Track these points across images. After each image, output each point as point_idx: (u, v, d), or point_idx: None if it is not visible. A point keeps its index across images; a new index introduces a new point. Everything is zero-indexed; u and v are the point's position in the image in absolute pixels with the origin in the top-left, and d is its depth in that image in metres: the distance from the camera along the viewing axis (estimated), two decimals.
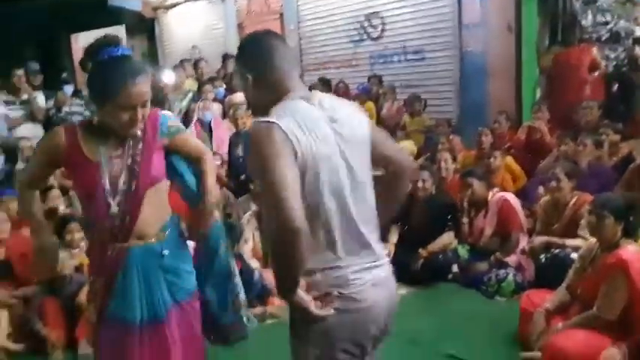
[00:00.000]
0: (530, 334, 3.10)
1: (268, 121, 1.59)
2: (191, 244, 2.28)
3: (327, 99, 1.73)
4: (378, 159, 1.79)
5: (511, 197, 4.44)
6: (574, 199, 4.00)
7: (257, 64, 1.73)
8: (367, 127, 1.75)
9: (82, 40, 11.08)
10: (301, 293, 1.60)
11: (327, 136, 1.64)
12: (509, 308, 3.64)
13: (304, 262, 1.56)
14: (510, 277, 4.04)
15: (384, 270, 1.72)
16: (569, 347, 2.74)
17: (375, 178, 1.78)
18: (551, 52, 6.04)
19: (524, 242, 4.22)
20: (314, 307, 1.60)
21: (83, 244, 4.28)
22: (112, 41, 1.96)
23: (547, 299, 3.20)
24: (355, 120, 1.73)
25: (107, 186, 1.95)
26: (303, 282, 1.61)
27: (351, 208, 1.66)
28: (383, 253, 1.74)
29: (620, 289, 2.78)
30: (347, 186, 1.66)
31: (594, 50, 5.86)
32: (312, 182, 1.60)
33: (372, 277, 1.67)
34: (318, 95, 1.72)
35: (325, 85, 7.48)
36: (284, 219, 1.49)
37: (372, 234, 1.71)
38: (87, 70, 1.99)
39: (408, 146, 5.69)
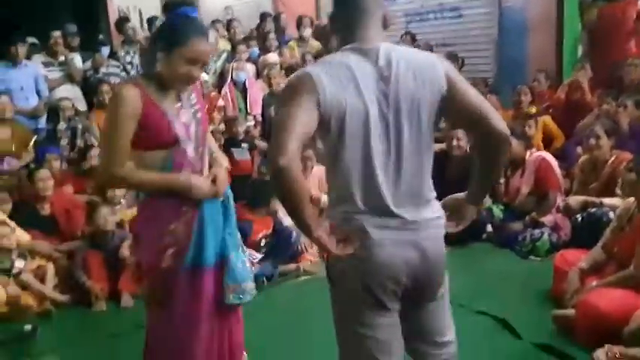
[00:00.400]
0: (564, 293, 3.10)
1: (304, 70, 1.64)
2: None
3: (393, 55, 1.65)
4: (460, 118, 1.77)
5: (549, 157, 4.37)
6: (613, 158, 3.93)
7: (333, 14, 1.76)
8: (434, 85, 1.65)
9: (116, 2, 11.17)
10: (321, 233, 1.62)
11: (364, 91, 1.62)
12: (543, 267, 3.63)
13: (297, 201, 1.57)
14: (545, 236, 4.01)
15: (416, 234, 1.68)
16: (602, 305, 2.73)
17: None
18: (596, 5, 5.76)
19: (560, 202, 4.17)
20: (332, 247, 1.63)
21: (124, 201, 4.42)
22: (189, 2, 2.08)
23: (582, 258, 3.19)
24: (417, 77, 1.64)
25: (183, 134, 2.07)
26: (326, 223, 1.68)
27: (379, 172, 1.65)
28: (419, 217, 1.69)
29: None
30: (380, 147, 1.64)
31: None
32: (335, 132, 1.62)
33: (393, 236, 1.66)
34: (383, 49, 1.65)
35: None
36: (272, 157, 1.54)
37: (409, 192, 1.67)
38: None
39: None
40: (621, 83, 5.13)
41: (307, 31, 6.80)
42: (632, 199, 3.08)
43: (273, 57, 6.47)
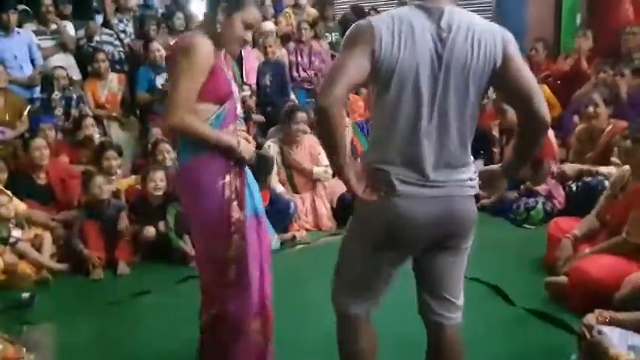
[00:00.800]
0: (557, 260, 3.13)
1: (368, 19, 1.73)
2: None
3: (455, 16, 1.69)
4: (507, 92, 1.81)
5: None
6: (610, 127, 3.92)
7: None
8: (489, 61, 1.69)
9: None
10: (351, 175, 1.75)
11: (419, 49, 1.66)
12: (537, 235, 3.66)
13: (334, 141, 1.70)
14: (539, 205, 4.04)
15: (437, 191, 1.74)
16: (594, 271, 2.77)
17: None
18: None
19: (555, 169, 4.18)
20: (359, 191, 1.75)
21: (119, 171, 4.42)
22: None
23: (575, 226, 3.21)
24: (474, 47, 1.67)
25: (235, 90, 2.25)
26: (359, 167, 1.81)
27: (426, 127, 1.71)
28: (450, 178, 1.75)
29: None
30: (427, 103, 1.69)
31: None
32: (384, 83, 1.70)
33: (418, 192, 1.74)
34: (448, 11, 1.68)
35: (358, 14, 7.28)
36: (318, 98, 1.68)
37: (444, 155, 1.73)
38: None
39: None
40: (620, 51, 5.10)
41: (304, 0, 6.71)
42: (626, 167, 3.09)
43: (269, 25, 6.39)
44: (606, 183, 3.56)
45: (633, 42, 5.05)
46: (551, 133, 4.29)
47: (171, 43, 2.47)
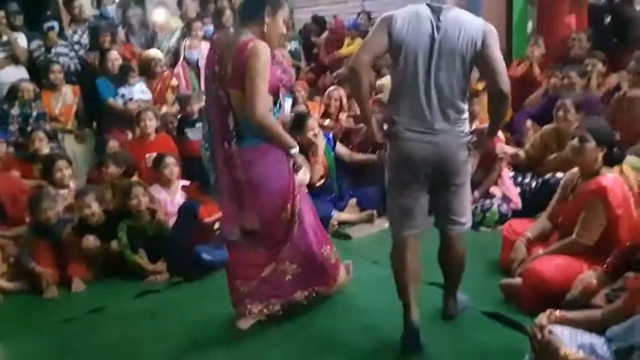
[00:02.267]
0: (512, 262, 3.18)
1: (389, 13, 2.45)
2: None
3: (450, 13, 2.42)
4: (481, 70, 2.58)
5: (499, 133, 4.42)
6: None
7: None
8: (469, 46, 2.39)
9: None
10: (374, 122, 2.54)
11: (421, 34, 2.40)
12: (493, 237, 3.72)
13: (360, 94, 2.49)
14: (495, 207, 4.11)
15: (435, 137, 2.46)
16: (547, 272, 2.82)
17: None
18: None
19: (508, 173, 4.26)
20: (379, 136, 2.56)
21: (72, 184, 4.31)
22: None
23: (529, 228, 3.27)
24: (460, 36, 2.38)
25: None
26: (380, 117, 2.63)
27: (424, 92, 2.43)
28: (443, 127, 2.46)
29: (598, 216, 2.84)
30: (424, 73, 2.42)
31: None
32: (396, 54, 2.44)
33: (417, 137, 2.47)
34: (445, 8, 2.42)
35: (319, 23, 7.35)
36: (351, 60, 2.48)
37: (438, 114, 2.45)
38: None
39: (386, 83, 5.63)
40: (568, 57, 5.26)
41: None
42: (576, 169, 3.16)
43: None
44: None
45: (579, 48, 5.22)
46: (500, 135, 4.37)
47: (228, 45, 2.63)
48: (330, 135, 4.78)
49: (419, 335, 2.68)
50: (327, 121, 5.22)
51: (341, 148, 4.79)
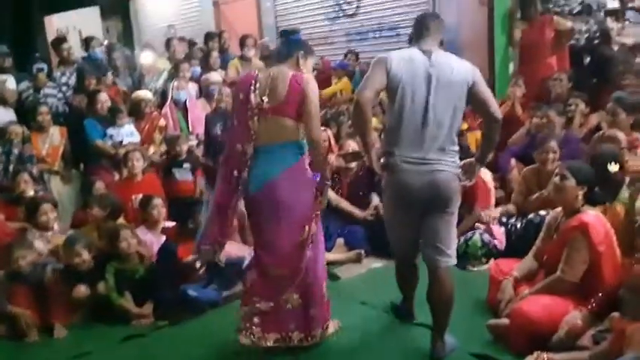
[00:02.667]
0: (499, 302, 3.18)
1: (385, 54, 2.77)
2: None
3: (440, 55, 2.76)
4: (474, 105, 2.86)
5: (485, 175, 4.42)
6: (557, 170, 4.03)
7: (414, 29, 2.91)
8: (464, 81, 2.71)
9: (55, 22, 10.92)
10: (373, 155, 2.81)
11: (416, 71, 2.69)
12: (479, 277, 3.72)
13: (365, 127, 2.77)
14: (477, 235, 4.14)
15: (428, 167, 2.71)
16: (533, 312, 2.82)
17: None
18: (520, 26, 6.06)
19: (494, 213, 4.29)
20: (377, 167, 2.81)
21: (57, 226, 4.27)
22: (297, 29, 3.27)
23: (515, 267, 3.29)
24: (454, 71, 2.70)
25: None
26: (378, 147, 2.92)
27: (420, 125, 2.68)
28: (437, 156, 2.71)
29: (581, 251, 2.87)
30: (421, 107, 2.68)
31: (556, 21, 5.86)
32: (394, 90, 2.71)
33: (411, 167, 2.72)
34: (435, 51, 2.76)
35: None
36: (356, 94, 2.77)
37: (433, 145, 2.70)
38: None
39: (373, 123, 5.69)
40: (550, 97, 5.38)
41: (251, 52, 6.82)
42: (559, 208, 3.21)
43: (216, 76, 6.45)
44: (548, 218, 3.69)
45: (559, 88, 5.35)
46: (488, 179, 4.42)
47: (292, 77, 2.92)
48: (316, 177, 4.80)
49: (413, 313, 3.27)
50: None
51: (329, 192, 4.81)
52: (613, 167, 3.35)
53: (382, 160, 2.80)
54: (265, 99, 2.88)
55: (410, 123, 2.69)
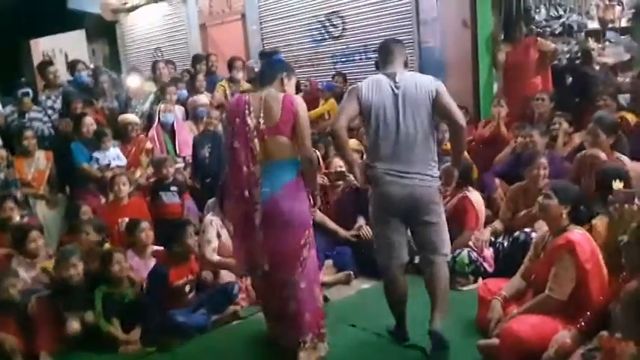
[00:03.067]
0: (488, 322, 3.19)
1: (356, 85, 3.13)
2: None
3: (404, 74, 3.09)
4: (439, 115, 3.10)
5: (472, 195, 4.42)
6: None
7: (378, 56, 3.25)
8: (428, 96, 3.02)
9: (41, 46, 10.92)
10: (356, 169, 3.16)
11: (384, 93, 3.02)
12: (468, 297, 3.73)
13: (344, 150, 3.15)
14: (464, 252, 4.17)
15: (410, 180, 3.01)
16: (523, 332, 2.83)
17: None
18: (504, 47, 6.18)
19: (484, 236, 4.30)
20: (361, 181, 3.16)
21: (43, 252, 4.22)
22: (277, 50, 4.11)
23: (504, 287, 3.30)
24: (417, 87, 3.02)
25: None
26: (362, 165, 3.17)
27: (395, 139, 2.99)
28: (416, 169, 3.01)
29: (568, 270, 2.89)
30: (394, 125, 3.00)
31: (540, 42, 5.99)
32: (367, 114, 3.05)
33: (393, 179, 3.01)
34: (399, 72, 3.09)
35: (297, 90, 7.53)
36: (333, 125, 3.12)
37: (410, 157, 3.00)
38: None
39: (352, 144, 5.70)
40: (533, 116, 5.46)
41: (240, 74, 6.86)
42: (546, 228, 3.24)
43: (203, 98, 6.47)
44: (534, 235, 3.73)
45: (542, 107, 5.44)
46: (476, 200, 4.45)
47: (287, 99, 3.12)
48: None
49: (407, 334, 3.34)
50: None
51: (317, 213, 4.83)
52: (617, 184, 3.36)
53: (366, 172, 3.11)
54: (262, 120, 3.05)
55: (386, 140, 3.01)
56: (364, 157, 3.32)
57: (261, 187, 3.06)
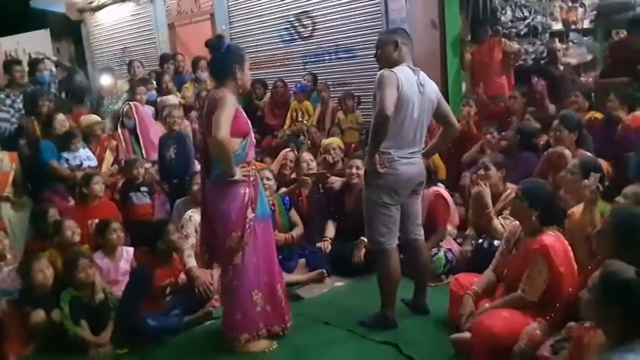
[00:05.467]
0: (460, 317, 3.22)
1: (391, 70, 3.24)
2: None
3: (421, 73, 3.38)
4: (438, 116, 3.50)
5: (445, 193, 4.52)
6: (507, 192, 4.12)
7: (404, 42, 3.38)
8: (435, 97, 3.41)
9: (3, 46, 10.62)
10: (375, 157, 3.26)
11: (413, 88, 3.27)
12: (441, 292, 3.76)
13: (385, 137, 3.22)
14: (441, 253, 4.22)
15: (416, 159, 3.41)
16: (494, 326, 2.86)
17: None
18: (470, 47, 6.29)
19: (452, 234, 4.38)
20: (378, 166, 3.26)
21: (10, 256, 4.11)
22: (222, 37, 3.47)
23: (475, 282, 3.34)
24: (430, 90, 3.38)
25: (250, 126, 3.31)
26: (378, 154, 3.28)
27: (412, 127, 3.31)
28: (417, 150, 3.40)
29: (542, 273, 2.92)
30: (414, 115, 3.28)
31: (504, 43, 6.12)
32: (399, 104, 3.20)
33: (408, 161, 3.35)
34: (419, 70, 3.38)
35: (264, 86, 7.52)
36: (381, 108, 3.14)
37: (418, 141, 3.38)
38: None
39: (335, 142, 5.76)
40: (501, 115, 5.57)
41: (204, 74, 6.82)
42: (517, 222, 3.29)
43: (172, 99, 6.40)
44: (496, 243, 3.79)
45: (516, 104, 5.56)
46: (449, 199, 4.51)
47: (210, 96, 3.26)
48: (287, 198, 4.83)
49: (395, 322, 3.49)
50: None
51: (294, 214, 4.83)
52: (593, 176, 3.38)
53: (381, 158, 3.28)
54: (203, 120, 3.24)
55: (408, 131, 3.30)
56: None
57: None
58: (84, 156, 5.27)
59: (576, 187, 3.36)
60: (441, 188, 4.57)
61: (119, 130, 5.89)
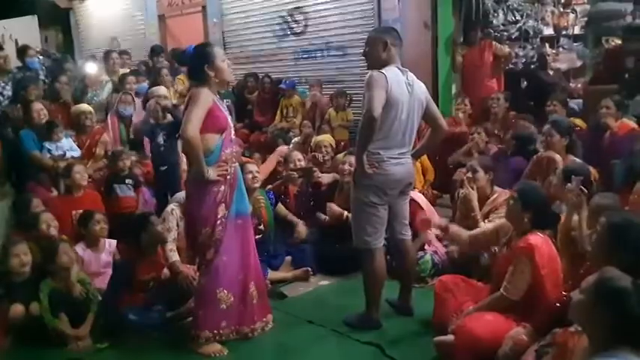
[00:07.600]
0: (444, 319, 3.22)
1: (380, 72, 3.21)
2: None
3: (409, 74, 3.35)
4: (426, 117, 3.49)
5: (417, 197, 4.46)
6: (495, 195, 4.11)
7: (394, 43, 3.34)
8: (424, 97, 3.40)
9: None
10: (364, 158, 3.24)
11: (402, 89, 3.25)
12: (425, 294, 3.76)
13: (372, 138, 3.20)
14: (428, 255, 4.23)
15: (405, 160, 3.40)
16: (478, 328, 2.86)
17: None
18: (461, 50, 6.30)
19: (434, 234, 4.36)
20: (367, 167, 3.24)
21: None
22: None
23: (460, 283, 3.35)
24: (419, 90, 3.37)
25: (229, 122, 3.27)
26: (366, 155, 3.25)
27: (401, 128, 3.29)
28: (406, 151, 3.39)
29: (524, 272, 2.92)
30: (403, 116, 3.27)
31: (495, 46, 6.13)
32: (388, 105, 3.18)
33: (397, 161, 3.34)
34: (407, 71, 3.35)
35: (257, 80, 7.48)
36: (369, 109, 3.12)
37: (407, 141, 3.37)
38: None
39: (326, 139, 5.74)
40: (489, 116, 5.59)
41: None
42: (505, 221, 3.29)
43: (162, 89, 6.31)
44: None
45: (497, 107, 5.57)
46: (423, 202, 4.51)
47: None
48: (272, 194, 4.80)
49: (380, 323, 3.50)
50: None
51: (280, 208, 4.80)
52: (575, 179, 3.35)
53: (370, 159, 3.27)
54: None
55: (397, 133, 3.30)
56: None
57: None
58: (67, 146, 5.17)
59: (560, 191, 3.37)
60: (413, 193, 4.49)
61: (108, 119, 5.80)
